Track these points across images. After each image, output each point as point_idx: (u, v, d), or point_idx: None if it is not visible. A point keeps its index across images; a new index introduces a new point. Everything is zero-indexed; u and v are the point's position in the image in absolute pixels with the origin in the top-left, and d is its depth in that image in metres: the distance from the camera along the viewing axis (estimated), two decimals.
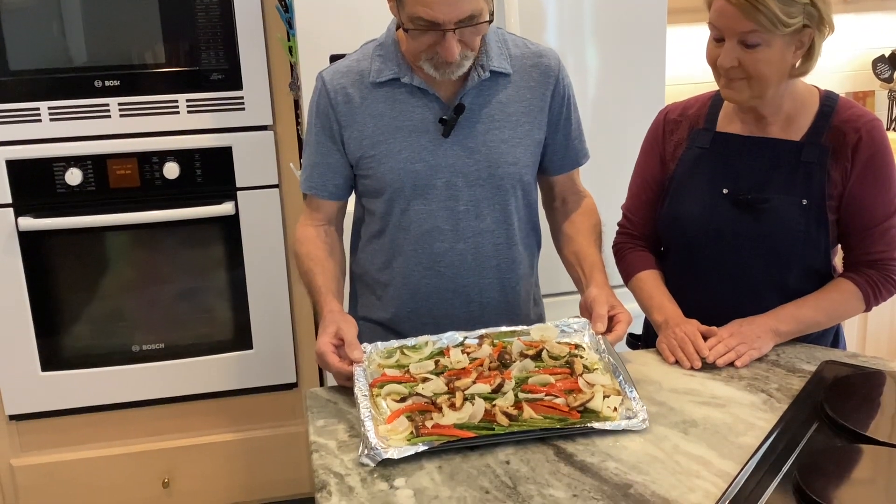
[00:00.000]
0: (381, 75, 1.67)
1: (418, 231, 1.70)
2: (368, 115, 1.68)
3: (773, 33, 1.50)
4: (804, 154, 1.63)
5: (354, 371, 1.47)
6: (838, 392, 1.40)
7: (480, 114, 1.68)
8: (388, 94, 1.67)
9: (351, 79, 1.69)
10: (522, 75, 1.71)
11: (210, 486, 2.87)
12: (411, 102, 1.67)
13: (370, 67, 1.68)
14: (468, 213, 1.70)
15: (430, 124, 1.67)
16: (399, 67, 1.66)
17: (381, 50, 1.69)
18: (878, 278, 1.65)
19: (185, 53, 2.52)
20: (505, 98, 1.69)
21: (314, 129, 1.73)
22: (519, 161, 1.71)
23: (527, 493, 1.20)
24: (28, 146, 2.51)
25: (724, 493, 1.16)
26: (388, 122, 1.67)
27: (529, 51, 1.74)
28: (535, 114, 1.72)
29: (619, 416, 1.36)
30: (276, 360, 2.81)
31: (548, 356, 1.53)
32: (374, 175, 1.69)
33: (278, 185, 2.68)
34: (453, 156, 1.68)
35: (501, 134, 1.69)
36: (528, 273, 1.82)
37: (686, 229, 1.73)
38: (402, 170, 1.67)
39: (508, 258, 1.75)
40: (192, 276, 2.72)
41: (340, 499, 1.20)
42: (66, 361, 2.67)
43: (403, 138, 1.67)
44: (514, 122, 1.70)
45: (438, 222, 1.70)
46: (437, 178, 1.68)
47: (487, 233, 1.72)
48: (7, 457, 2.74)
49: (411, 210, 1.70)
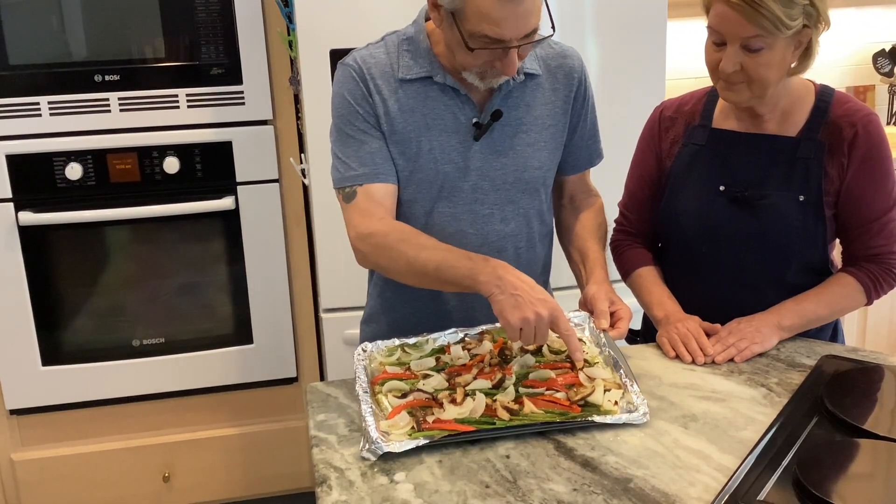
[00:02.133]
0: (412, 72, 1.59)
1: (442, 234, 1.62)
2: (399, 110, 1.60)
3: (776, 36, 1.48)
4: (800, 150, 1.63)
5: (355, 368, 1.47)
6: (838, 387, 1.40)
7: (509, 117, 1.63)
8: (419, 90, 1.60)
9: (379, 70, 1.60)
10: (548, 77, 1.67)
11: (210, 481, 2.88)
12: (442, 101, 1.61)
13: (398, 62, 1.60)
14: (492, 216, 1.66)
15: (462, 126, 1.62)
16: (431, 66, 1.59)
17: (410, 45, 1.61)
18: (878, 272, 1.66)
19: (185, 48, 2.52)
20: (532, 101, 1.65)
21: (357, 116, 1.60)
22: (544, 165, 1.68)
23: (527, 488, 1.20)
24: (28, 141, 2.51)
25: (724, 487, 1.16)
26: (420, 119, 1.61)
27: (554, 51, 1.69)
28: (559, 116, 1.69)
29: (620, 409, 1.37)
30: (276, 354, 2.81)
31: (548, 351, 1.53)
32: (402, 174, 1.63)
33: (278, 179, 2.68)
34: (481, 159, 1.63)
35: (528, 137, 1.65)
36: (543, 272, 1.81)
37: (683, 226, 1.73)
38: (432, 170, 1.62)
39: (527, 260, 1.72)
40: (192, 271, 2.72)
41: (341, 493, 1.20)
42: (67, 356, 2.68)
43: (434, 137, 1.61)
44: (540, 125, 1.66)
45: (463, 226, 1.65)
46: (464, 180, 1.63)
47: (511, 236, 1.69)
48: (7, 451, 2.75)
49: (436, 212, 1.65)
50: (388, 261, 1.57)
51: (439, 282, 1.52)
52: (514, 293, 1.40)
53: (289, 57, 2.57)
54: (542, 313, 1.38)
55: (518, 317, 1.38)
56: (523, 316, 1.38)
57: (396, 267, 1.57)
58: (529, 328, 1.39)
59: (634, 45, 2.45)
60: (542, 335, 1.40)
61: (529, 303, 1.39)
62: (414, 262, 1.52)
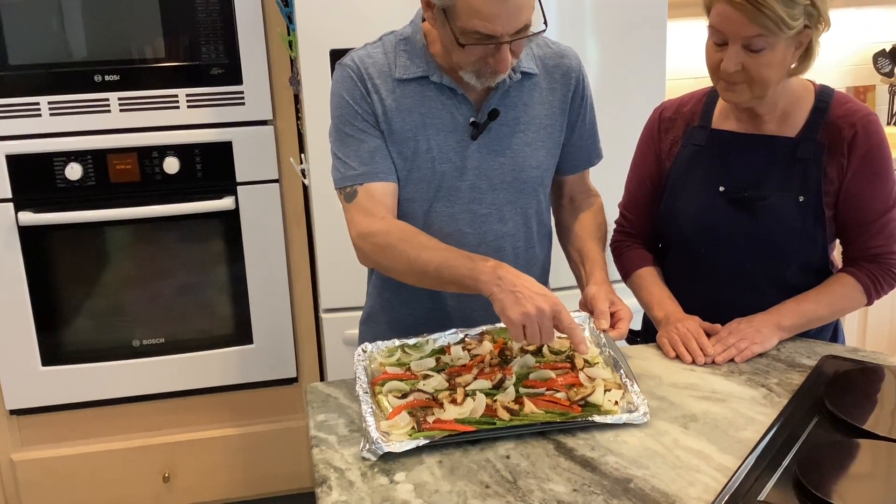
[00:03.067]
0: (408, 72, 1.60)
1: (440, 234, 1.63)
2: (396, 109, 1.60)
3: (778, 36, 1.48)
4: (800, 150, 1.63)
5: (355, 369, 1.47)
6: (838, 387, 1.40)
7: (507, 116, 1.63)
8: (416, 90, 1.60)
9: (377, 70, 1.61)
10: (545, 77, 1.67)
11: (210, 481, 2.88)
12: (440, 101, 1.61)
13: (395, 62, 1.61)
14: (490, 216, 1.67)
15: (459, 125, 1.62)
16: (427, 65, 1.59)
17: (407, 45, 1.62)
18: (878, 272, 1.66)
19: (185, 48, 2.52)
20: (530, 100, 1.65)
21: (356, 116, 1.60)
22: (541, 165, 1.68)
23: (527, 488, 1.20)
24: (28, 141, 2.51)
25: (724, 487, 1.16)
26: (417, 118, 1.61)
27: (551, 51, 1.69)
28: (557, 116, 1.69)
29: (620, 409, 1.37)
30: (276, 354, 2.81)
31: (548, 351, 1.53)
32: (399, 173, 1.63)
33: (278, 179, 2.68)
34: (479, 158, 1.63)
35: (526, 137, 1.65)
36: (542, 273, 1.81)
37: (683, 227, 1.73)
38: (429, 169, 1.62)
39: (526, 260, 1.73)
40: (192, 271, 2.72)
41: (341, 493, 1.20)
42: (67, 356, 2.68)
43: (432, 137, 1.61)
44: (537, 124, 1.66)
45: (461, 225, 1.66)
46: (462, 180, 1.63)
47: (509, 236, 1.69)
48: (7, 451, 2.75)
49: (433, 212, 1.65)
50: (389, 260, 1.57)
51: (440, 282, 1.52)
52: (514, 290, 1.40)
53: (289, 57, 2.57)
54: (543, 307, 1.37)
55: (519, 312, 1.38)
56: (524, 311, 1.37)
57: (397, 266, 1.57)
58: (531, 323, 1.38)
59: (634, 45, 2.45)
60: (547, 331, 1.39)
61: (530, 298, 1.38)
62: (415, 261, 1.52)
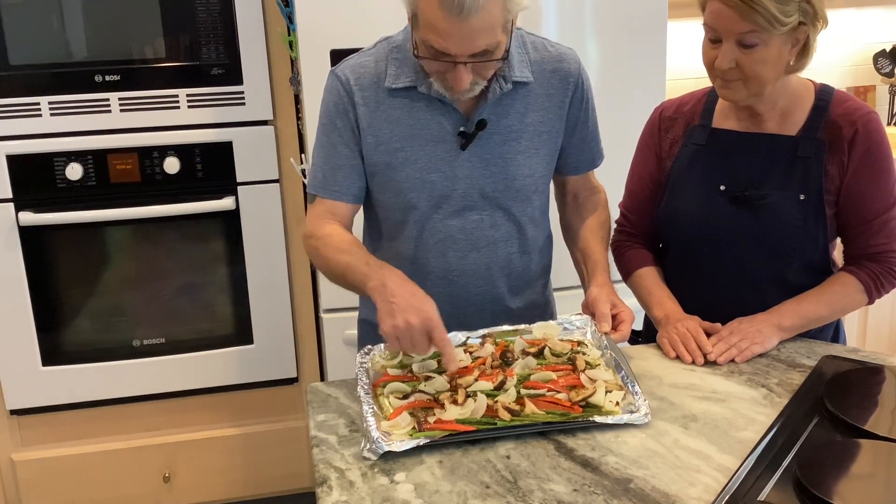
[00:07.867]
0: (398, 81, 1.60)
1: (431, 241, 1.65)
2: (385, 120, 1.61)
3: (771, 33, 1.49)
4: (800, 149, 1.63)
5: (357, 371, 1.47)
6: (838, 387, 1.40)
7: (498, 125, 1.62)
8: (405, 100, 1.61)
9: (368, 80, 1.61)
10: (542, 83, 1.65)
11: (210, 481, 2.88)
12: (429, 111, 1.61)
13: (385, 71, 1.61)
14: (482, 222, 1.66)
15: (448, 135, 1.62)
16: (416, 75, 1.59)
17: (398, 53, 1.61)
18: (879, 271, 1.66)
19: (186, 48, 2.52)
20: (524, 108, 1.64)
21: (334, 129, 1.64)
22: (535, 172, 1.67)
23: (527, 488, 1.20)
24: (28, 141, 2.51)
25: (725, 487, 1.16)
26: (405, 129, 1.61)
27: (549, 54, 1.67)
28: (554, 122, 1.67)
29: (621, 410, 1.37)
30: (276, 354, 2.81)
31: (550, 353, 1.53)
32: (389, 183, 1.64)
33: (279, 179, 2.68)
34: (470, 168, 1.63)
35: (518, 146, 1.64)
36: (541, 277, 1.81)
37: (684, 226, 1.73)
38: (419, 179, 1.62)
39: (521, 265, 1.73)
40: (192, 271, 2.72)
41: (341, 493, 1.20)
42: (67, 356, 2.68)
43: (420, 147, 1.61)
44: (531, 132, 1.65)
45: (452, 232, 1.66)
46: (453, 189, 1.63)
47: (501, 242, 1.69)
48: (8, 451, 2.75)
49: (427, 219, 1.65)
50: (318, 262, 1.65)
51: (347, 285, 1.57)
52: (391, 300, 1.41)
53: (289, 57, 2.57)
54: (412, 321, 1.38)
55: (389, 324, 1.39)
56: (394, 323, 1.39)
57: (322, 268, 1.65)
58: (403, 335, 1.39)
59: (634, 45, 2.46)
60: (418, 343, 1.40)
61: (402, 310, 1.39)
62: (331, 263, 1.59)
